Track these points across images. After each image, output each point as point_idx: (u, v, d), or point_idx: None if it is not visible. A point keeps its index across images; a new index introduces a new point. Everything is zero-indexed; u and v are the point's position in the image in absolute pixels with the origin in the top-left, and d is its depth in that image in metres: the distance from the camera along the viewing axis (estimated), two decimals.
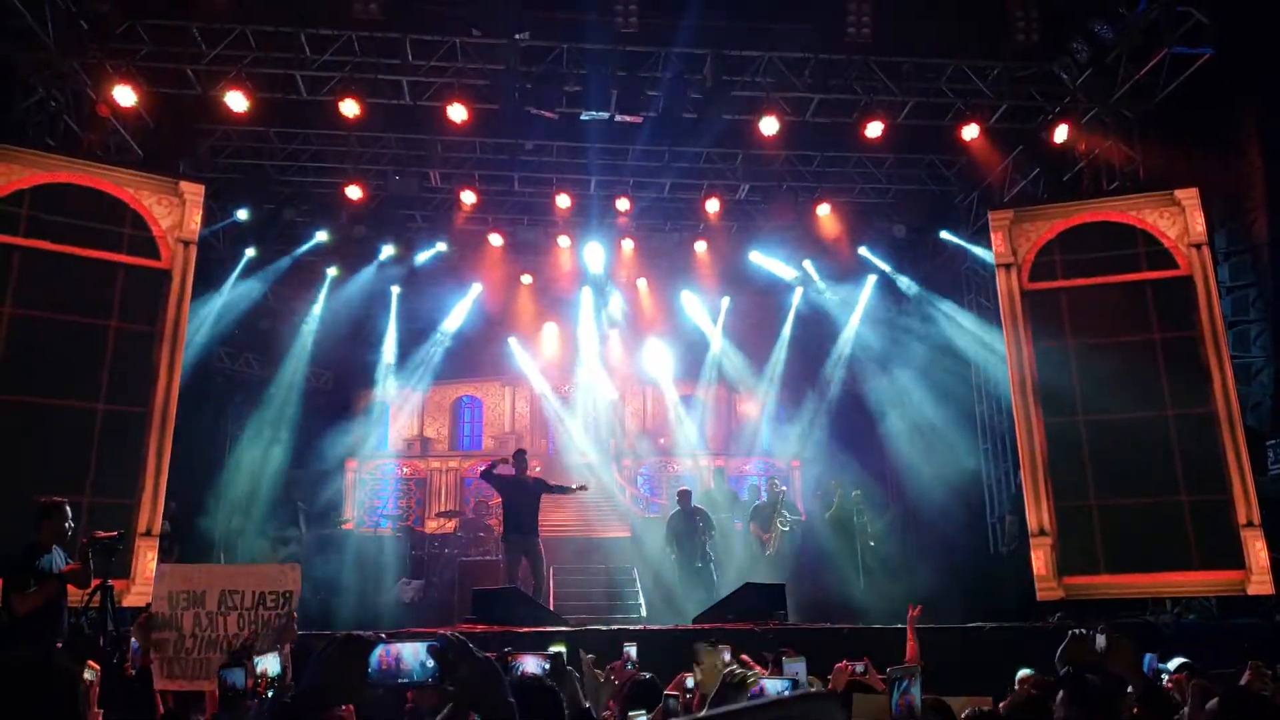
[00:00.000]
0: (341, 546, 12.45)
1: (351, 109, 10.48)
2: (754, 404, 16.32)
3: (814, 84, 10.64)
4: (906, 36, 9.92)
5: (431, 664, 1.87)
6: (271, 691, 2.56)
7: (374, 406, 16.21)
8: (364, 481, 15.92)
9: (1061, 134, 11.00)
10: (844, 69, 10.46)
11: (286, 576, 4.32)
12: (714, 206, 13.18)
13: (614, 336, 16.32)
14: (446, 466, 16.47)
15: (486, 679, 1.71)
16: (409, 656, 1.90)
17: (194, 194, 10.05)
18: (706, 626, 8.53)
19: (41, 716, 1.76)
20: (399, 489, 15.99)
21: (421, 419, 16.95)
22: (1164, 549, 9.61)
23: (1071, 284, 10.64)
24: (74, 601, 6.34)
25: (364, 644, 1.82)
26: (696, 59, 10.21)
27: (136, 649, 5.04)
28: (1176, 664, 4.91)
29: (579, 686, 2.53)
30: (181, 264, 9.85)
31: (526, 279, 15.32)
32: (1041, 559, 9.82)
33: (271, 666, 2.71)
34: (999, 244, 10.92)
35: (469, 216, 13.31)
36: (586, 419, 16.16)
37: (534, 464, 11.99)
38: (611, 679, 4.45)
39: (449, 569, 12.03)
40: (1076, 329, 10.42)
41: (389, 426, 16.75)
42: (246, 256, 12.69)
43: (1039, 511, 9.99)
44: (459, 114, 10.62)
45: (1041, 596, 9.65)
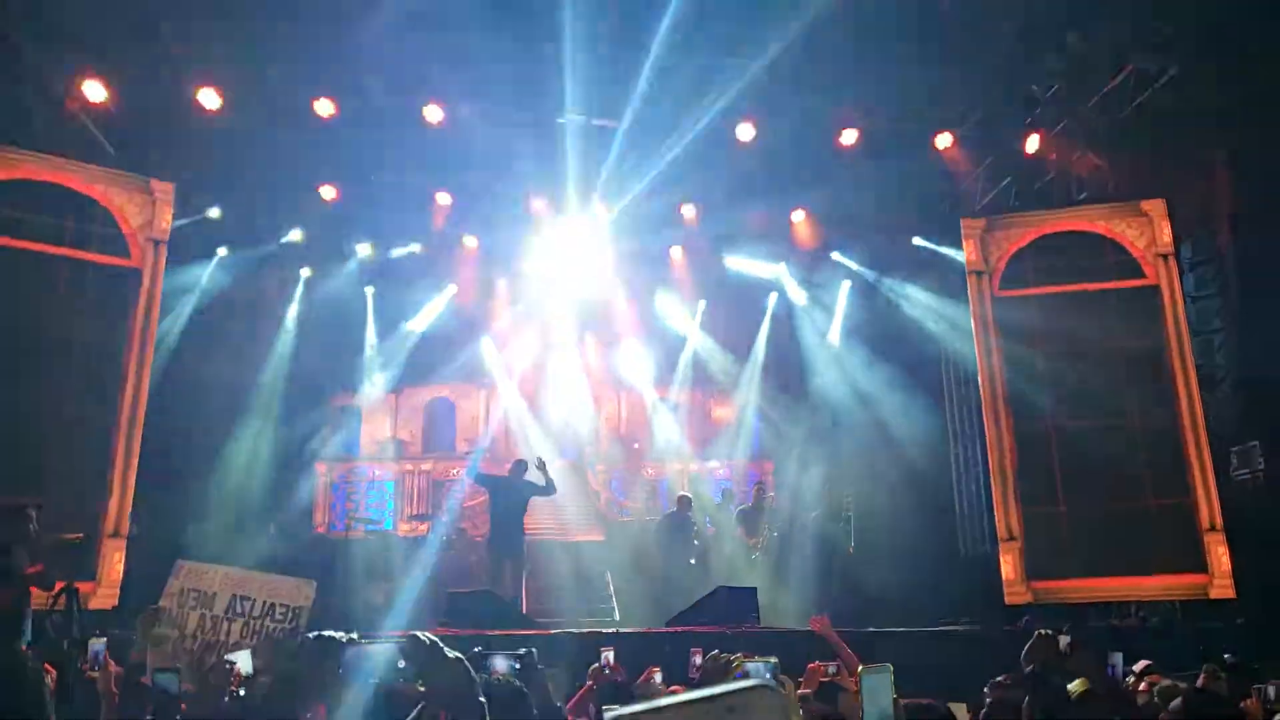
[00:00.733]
0: (313, 549, 12.33)
1: (326, 109, 10.44)
2: (730, 408, 16.36)
3: (789, 91, 10.71)
4: (878, 44, 10.01)
5: (403, 664, 1.87)
6: (243, 689, 2.53)
7: (345, 409, 16.08)
8: (335, 485, 15.79)
9: (1033, 144, 11.15)
10: (817, 77, 10.53)
11: (300, 592, 4.23)
12: (690, 212, 13.23)
13: (589, 340, 16.31)
14: (419, 469, 16.34)
15: (457, 680, 1.71)
16: (381, 657, 1.90)
17: (164, 192, 9.95)
18: (679, 630, 8.56)
19: (11, 715, 1.74)
20: (370, 492, 15.86)
21: (394, 421, 16.83)
22: (1129, 553, 9.80)
23: (1041, 291, 10.81)
24: (38, 604, 6.25)
25: (335, 644, 1.82)
26: (674, 65, 10.23)
27: (98, 652, 4.93)
28: (1141, 666, 4.99)
29: (548, 685, 2.54)
30: (152, 263, 9.76)
31: (501, 281, 15.29)
32: (1010, 563, 9.96)
33: (244, 664, 2.67)
34: (971, 251, 11.06)
35: (444, 218, 13.25)
36: (560, 423, 16.11)
37: (506, 466, 11.93)
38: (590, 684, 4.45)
39: (421, 572, 11.95)
40: (1046, 336, 10.59)
41: (360, 429, 16.63)
42: (218, 256, 12.54)
43: (1007, 515, 10.13)
44: (435, 115, 10.62)
45: (1010, 600, 9.79)
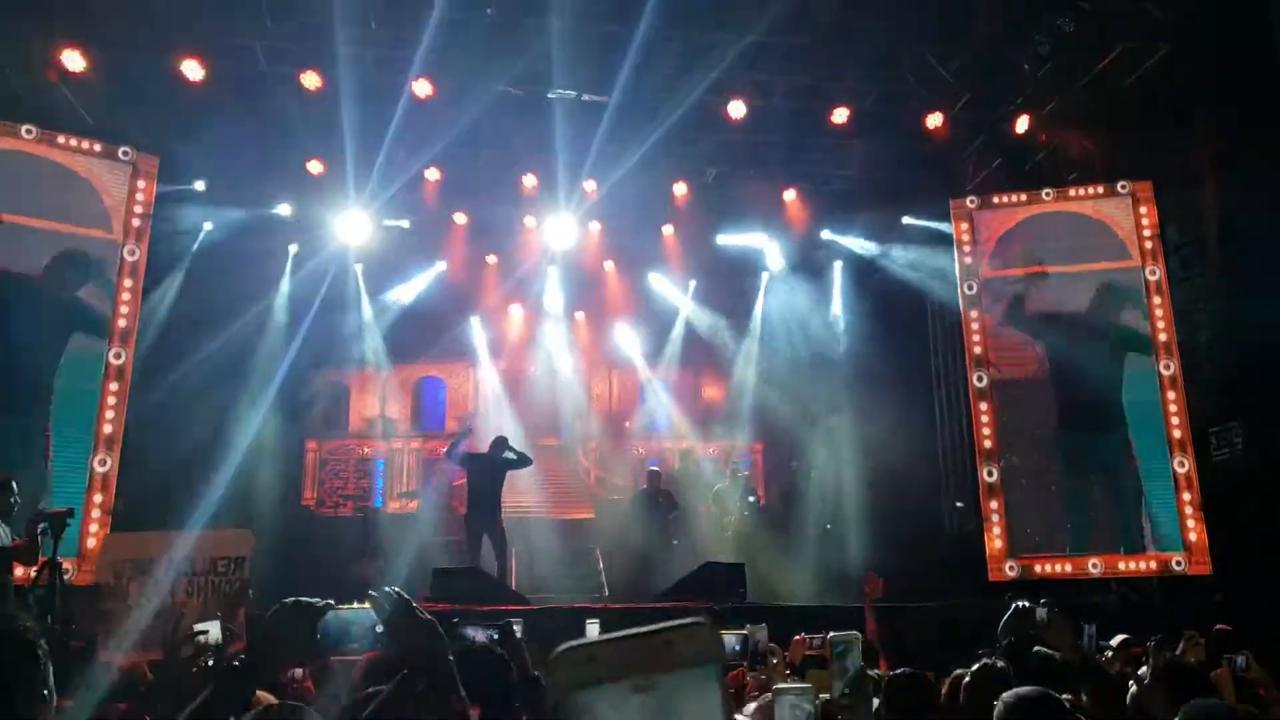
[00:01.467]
0: (302, 526, 12.36)
1: (313, 81, 10.35)
2: (719, 387, 16.37)
3: (779, 68, 10.68)
4: (870, 23, 9.98)
5: (380, 630, 1.87)
6: (211, 660, 2.54)
7: (334, 386, 16.05)
8: (324, 462, 15.79)
9: (1023, 124, 11.13)
10: (808, 54, 10.49)
11: (239, 541, 4.22)
12: (681, 190, 13.18)
13: (579, 319, 16.29)
14: (409, 447, 16.36)
15: (432, 641, 1.72)
16: (358, 625, 1.90)
17: (148, 165, 9.87)
18: (667, 605, 8.62)
19: (10, 682, 1.73)
20: (359, 469, 15.86)
21: (383, 399, 16.81)
22: (1110, 531, 9.94)
23: (1029, 271, 10.87)
24: (20, 579, 6.24)
25: (311, 609, 1.83)
26: (664, 40, 10.17)
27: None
28: (1119, 640, 5.04)
29: (526, 655, 2.57)
30: (135, 237, 9.69)
31: (491, 259, 15.21)
32: (994, 540, 10.06)
33: (213, 633, 2.67)
34: (960, 232, 11.09)
35: (433, 194, 13.17)
36: (550, 401, 16.11)
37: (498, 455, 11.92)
38: None
39: (410, 549, 11.98)
40: (1034, 316, 10.68)
41: (349, 406, 16.61)
42: (204, 230, 12.41)
43: (992, 494, 10.22)
44: (424, 89, 10.54)
45: (994, 577, 9.89)
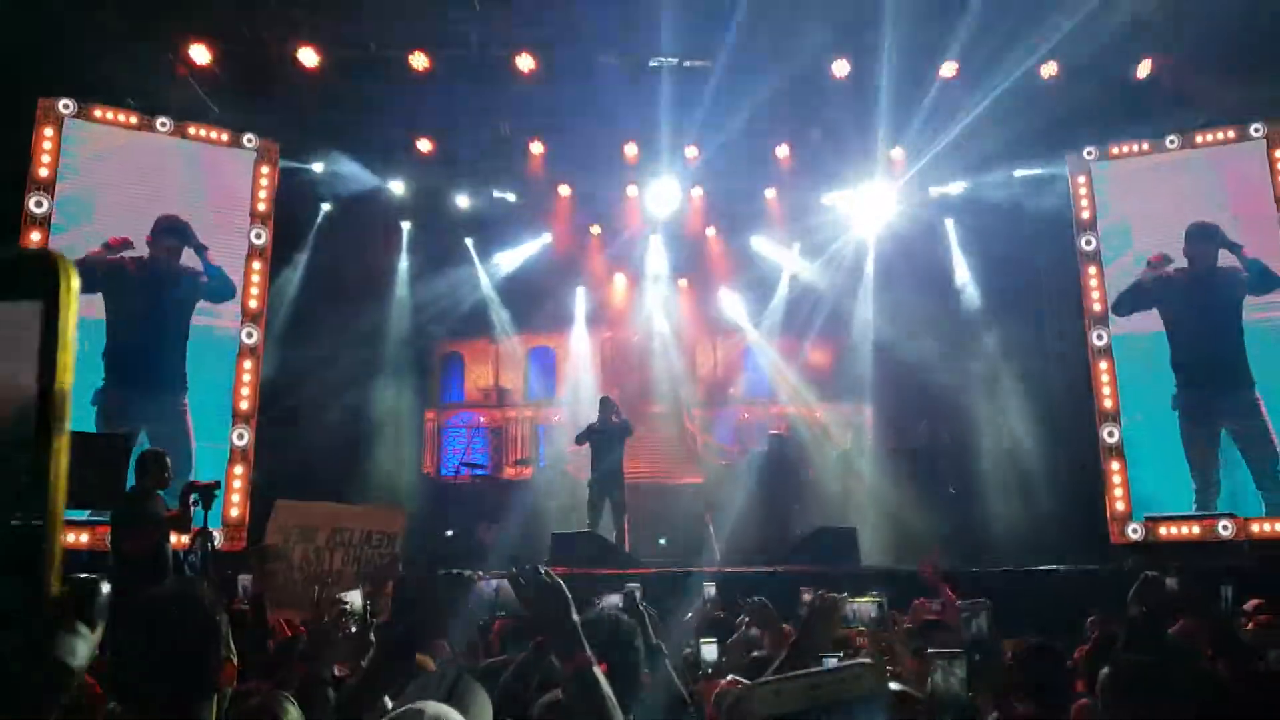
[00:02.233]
0: (425, 494, 12.92)
1: (421, 62, 10.59)
2: (827, 350, 16.10)
3: (885, 22, 10.37)
4: None
5: (501, 599, 1.99)
6: (355, 627, 2.70)
7: (450, 356, 16.65)
8: (443, 430, 16.42)
9: (1144, 69, 10.56)
10: (914, 8, 10.14)
11: (393, 519, 4.55)
12: (784, 152, 13.00)
13: (682, 285, 16.30)
14: (522, 416, 16.88)
15: (553, 602, 1.81)
16: (501, 592, 2.03)
17: (270, 151, 10.37)
18: (780, 570, 8.68)
19: (193, 647, 1.80)
20: (476, 438, 16.41)
21: (496, 369, 17.30)
22: (1239, 492, 9.32)
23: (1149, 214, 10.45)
24: (176, 547, 6.77)
25: (465, 581, 1.96)
26: (768, 2, 10.02)
27: (245, 586, 5.38)
28: (1253, 604, 4.84)
29: (649, 624, 2.66)
30: (260, 220, 10.22)
31: (595, 229, 15.35)
32: (1115, 502, 9.60)
33: (355, 602, 2.84)
34: (1077, 185, 10.70)
35: (539, 167, 13.32)
36: (657, 368, 16.24)
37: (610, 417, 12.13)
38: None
39: (525, 514, 12.35)
40: (1153, 260, 10.19)
41: (464, 377, 17.18)
42: (324, 211, 12.88)
43: (1111, 454, 9.75)
44: (526, 64, 10.67)
45: (1115, 540, 9.49)
